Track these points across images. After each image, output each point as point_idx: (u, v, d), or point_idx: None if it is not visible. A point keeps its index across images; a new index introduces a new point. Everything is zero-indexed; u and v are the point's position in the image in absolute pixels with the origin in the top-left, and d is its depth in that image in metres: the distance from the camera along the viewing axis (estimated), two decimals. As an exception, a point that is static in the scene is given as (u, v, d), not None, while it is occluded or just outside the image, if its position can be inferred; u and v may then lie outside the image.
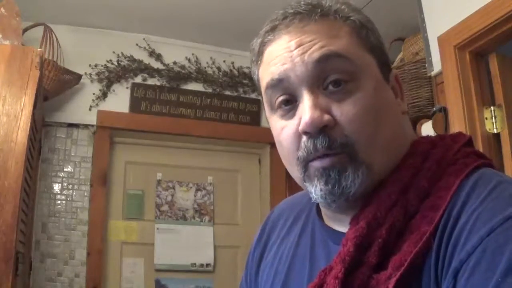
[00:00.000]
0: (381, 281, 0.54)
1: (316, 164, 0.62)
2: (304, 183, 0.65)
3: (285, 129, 0.64)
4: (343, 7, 0.66)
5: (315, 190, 0.62)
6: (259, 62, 0.69)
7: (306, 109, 0.61)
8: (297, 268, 0.72)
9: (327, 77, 0.62)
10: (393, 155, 0.64)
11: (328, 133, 0.60)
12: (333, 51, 0.61)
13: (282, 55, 0.63)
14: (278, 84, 0.64)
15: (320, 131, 0.60)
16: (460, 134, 0.69)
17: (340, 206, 0.64)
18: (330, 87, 0.62)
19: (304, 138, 0.62)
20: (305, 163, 0.63)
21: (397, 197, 0.60)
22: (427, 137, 0.69)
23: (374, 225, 0.58)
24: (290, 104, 0.64)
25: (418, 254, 0.54)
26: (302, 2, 0.66)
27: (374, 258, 0.56)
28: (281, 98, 0.64)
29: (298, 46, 0.62)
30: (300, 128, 0.61)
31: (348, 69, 0.62)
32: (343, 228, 0.65)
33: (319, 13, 0.64)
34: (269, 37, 0.66)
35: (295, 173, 0.66)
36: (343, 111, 0.61)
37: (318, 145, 0.60)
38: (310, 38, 0.62)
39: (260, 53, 0.68)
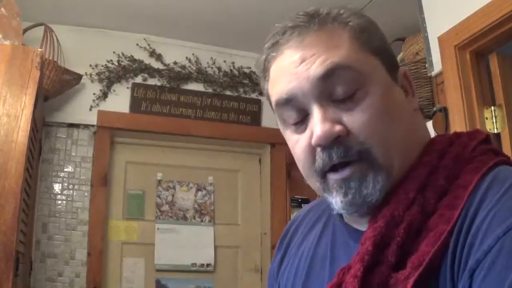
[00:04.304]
0: (400, 280, 0.54)
1: (335, 176, 0.63)
2: (324, 193, 0.66)
3: (298, 142, 0.65)
4: (341, 12, 0.65)
5: (336, 201, 0.63)
6: (266, 78, 0.69)
7: (316, 123, 0.61)
8: (317, 267, 0.73)
9: (334, 89, 0.62)
10: (409, 155, 0.64)
11: (343, 142, 0.61)
12: (336, 63, 0.61)
13: (287, 72, 0.64)
14: (287, 102, 0.64)
15: (334, 142, 0.61)
16: (477, 131, 0.68)
17: (361, 212, 0.65)
18: (338, 98, 0.62)
19: (319, 149, 0.62)
20: (322, 174, 0.64)
21: (415, 196, 0.60)
22: (444, 135, 0.69)
23: (392, 224, 0.58)
24: (301, 118, 0.64)
25: (436, 254, 0.54)
26: (300, 13, 0.66)
27: (393, 257, 0.56)
28: (291, 114, 0.65)
29: (301, 62, 0.62)
30: (313, 142, 0.62)
31: (354, 78, 0.61)
32: (363, 227, 0.65)
33: (316, 24, 0.64)
34: (272, 54, 0.67)
35: (314, 184, 0.67)
36: (354, 119, 0.61)
37: (334, 156, 0.61)
38: (311, 52, 0.62)
39: (266, 70, 0.69)
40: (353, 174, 0.62)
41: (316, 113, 0.62)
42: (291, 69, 0.63)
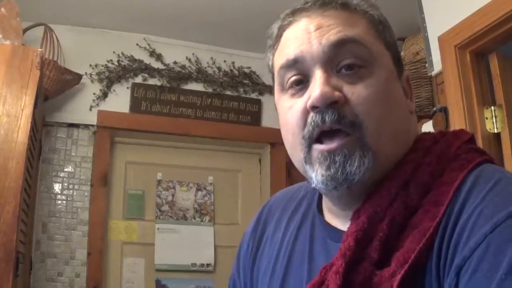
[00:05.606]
0: (385, 278, 0.53)
1: (321, 147, 0.61)
2: (305, 166, 0.64)
3: (293, 107, 0.65)
4: (362, 2, 0.68)
5: (316, 175, 0.62)
6: (276, 47, 0.70)
7: (317, 86, 0.61)
8: (296, 264, 0.71)
9: (342, 60, 0.63)
10: (398, 149, 0.64)
11: (338, 109, 0.60)
12: (350, 36, 0.63)
13: (300, 36, 0.65)
14: (293, 64, 0.64)
15: (329, 106, 0.60)
16: (462, 131, 0.69)
17: (341, 195, 0.63)
18: (343, 70, 0.63)
19: (312, 113, 0.62)
20: (309, 143, 0.62)
21: (397, 192, 0.59)
22: (429, 133, 0.69)
23: (375, 220, 0.58)
24: (302, 84, 0.65)
25: (421, 251, 0.53)
26: None
27: (376, 253, 0.56)
28: (293, 78, 0.65)
29: (317, 28, 0.64)
30: (309, 102, 0.61)
31: (363, 55, 0.63)
32: (343, 225, 0.64)
33: (339, 3, 0.66)
34: (288, 19, 0.68)
35: (297, 155, 0.65)
36: (355, 92, 0.61)
37: (327, 118, 0.60)
38: (329, 22, 0.64)
39: (278, 37, 0.69)
40: (340, 147, 0.60)
41: (319, 77, 0.62)
42: (304, 34, 0.64)
